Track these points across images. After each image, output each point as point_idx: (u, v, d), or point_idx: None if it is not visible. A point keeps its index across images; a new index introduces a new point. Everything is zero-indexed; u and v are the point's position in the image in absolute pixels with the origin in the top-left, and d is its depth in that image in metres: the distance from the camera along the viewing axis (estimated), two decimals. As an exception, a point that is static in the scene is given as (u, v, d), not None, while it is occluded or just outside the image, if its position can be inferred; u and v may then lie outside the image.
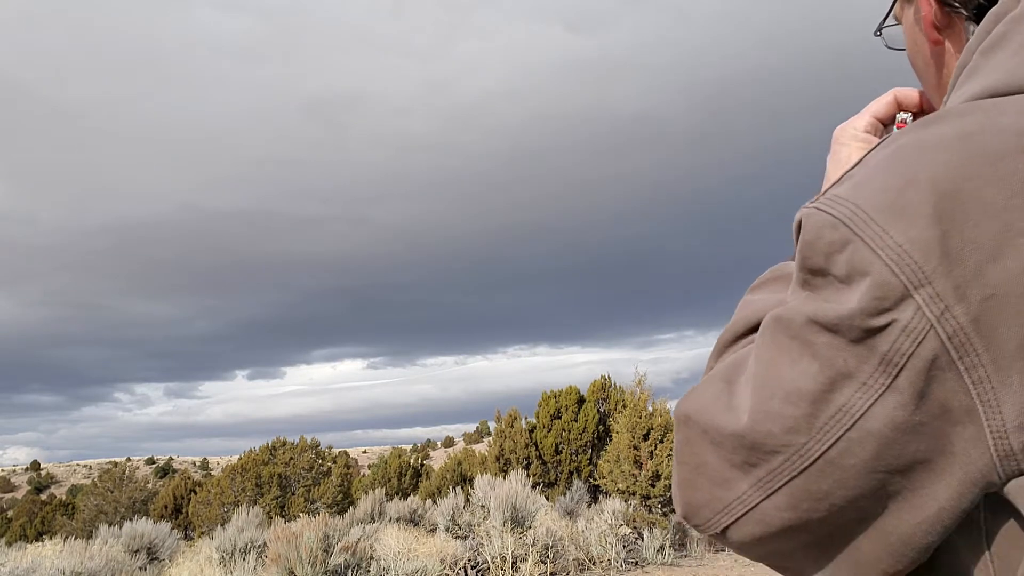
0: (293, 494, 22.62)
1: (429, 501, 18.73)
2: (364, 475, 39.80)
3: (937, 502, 0.49)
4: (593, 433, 19.16)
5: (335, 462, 27.09)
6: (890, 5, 0.75)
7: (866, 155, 0.56)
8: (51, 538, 21.02)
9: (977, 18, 0.63)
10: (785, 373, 0.53)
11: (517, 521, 10.08)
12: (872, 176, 0.52)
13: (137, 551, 12.94)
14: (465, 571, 8.97)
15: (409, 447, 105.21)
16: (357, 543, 9.06)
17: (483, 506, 11.59)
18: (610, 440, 14.04)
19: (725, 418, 0.56)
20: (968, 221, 0.46)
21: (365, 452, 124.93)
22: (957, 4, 0.64)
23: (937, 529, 0.50)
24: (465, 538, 10.58)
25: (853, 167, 0.56)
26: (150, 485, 33.31)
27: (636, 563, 9.92)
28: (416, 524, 15.21)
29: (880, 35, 0.77)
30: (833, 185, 0.55)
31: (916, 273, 0.47)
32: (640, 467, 11.66)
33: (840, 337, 0.50)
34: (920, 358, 0.47)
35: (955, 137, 0.49)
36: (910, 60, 0.74)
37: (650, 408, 11.99)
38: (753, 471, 0.54)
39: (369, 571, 8.64)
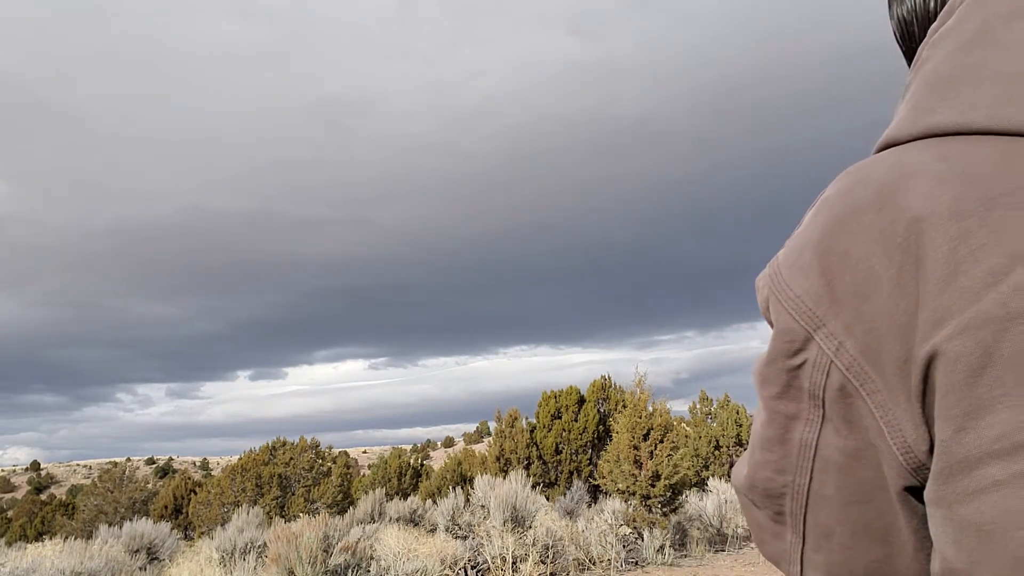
0: (293, 494, 22.61)
1: (429, 501, 18.73)
2: (364, 475, 39.80)
3: (909, 529, 0.56)
4: (593, 433, 19.16)
5: (335, 462, 27.08)
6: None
7: (808, 210, 0.64)
8: (51, 538, 21.00)
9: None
10: (757, 426, 0.64)
11: (517, 521, 10.08)
12: (795, 236, 0.62)
13: (137, 551, 12.94)
14: (465, 571, 8.97)
15: (409, 447, 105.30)
16: (357, 543, 9.06)
17: (483, 506, 11.59)
18: (610, 440, 14.03)
19: (741, 478, 0.67)
20: (846, 270, 0.55)
21: (365, 452, 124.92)
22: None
23: (925, 555, 0.56)
24: (465, 538, 10.58)
25: (799, 225, 0.64)
26: (150, 485, 33.30)
27: (636, 563, 9.92)
28: (416, 524, 15.20)
29: None
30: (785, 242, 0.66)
31: (812, 318, 0.56)
32: (640, 467, 11.65)
33: (773, 386, 0.60)
34: (832, 388, 0.56)
35: (841, 193, 0.58)
36: None
37: (650, 408, 11.98)
38: (785, 519, 0.63)
39: (369, 571, 8.64)
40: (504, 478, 12.44)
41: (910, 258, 0.52)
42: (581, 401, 19.85)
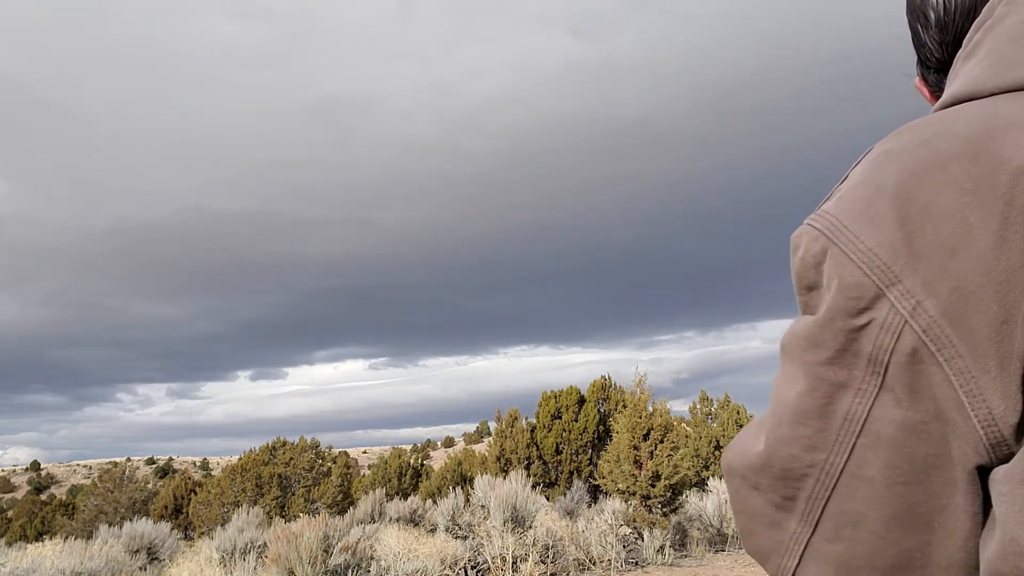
0: (293, 494, 22.61)
1: (429, 501, 18.72)
2: (364, 475, 39.80)
3: (966, 513, 0.51)
4: (593, 433, 19.16)
5: (335, 462, 27.08)
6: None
7: (850, 170, 0.60)
8: (51, 538, 21.00)
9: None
10: (788, 397, 0.57)
11: (517, 521, 10.08)
12: (850, 188, 0.57)
13: (137, 551, 12.94)
14: (465, 571, 8.97)
15: (409, 447, 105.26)
16: (357, 543, 9.06)
17: (483, 506, 11.59)
18: (610, 440, 14.04)
19: (751, 456, 0.60)
20: (928, 222, 0.51)
21: (365, 452, 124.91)
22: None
23: (975, 543, 0.51)
24: (465, 538, 10.58)
25: (840, 182, 0.60)
26: (150, 485, 33.31)
27: (636, 563, 9.92)
28: (416, 524, 15.20)
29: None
30: (824, 201, 0.60)
31: (886, 272, 0.51)
32: (640, 467, 11.65)
33: (824, 349, 0.54)
34: (901, 352, 0.51)
35: (914, 145, 0.54)
36: None
37: (650, 408, 11.98)
38: (795, 505, 0.57)
39: (369, 571, 8.64)
40: (504, 478, 12.43)
41: (1015, 210, 0.48)
42: (581, 401, 19.85)
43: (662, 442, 11.63)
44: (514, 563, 8.98)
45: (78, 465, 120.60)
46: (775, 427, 0.58)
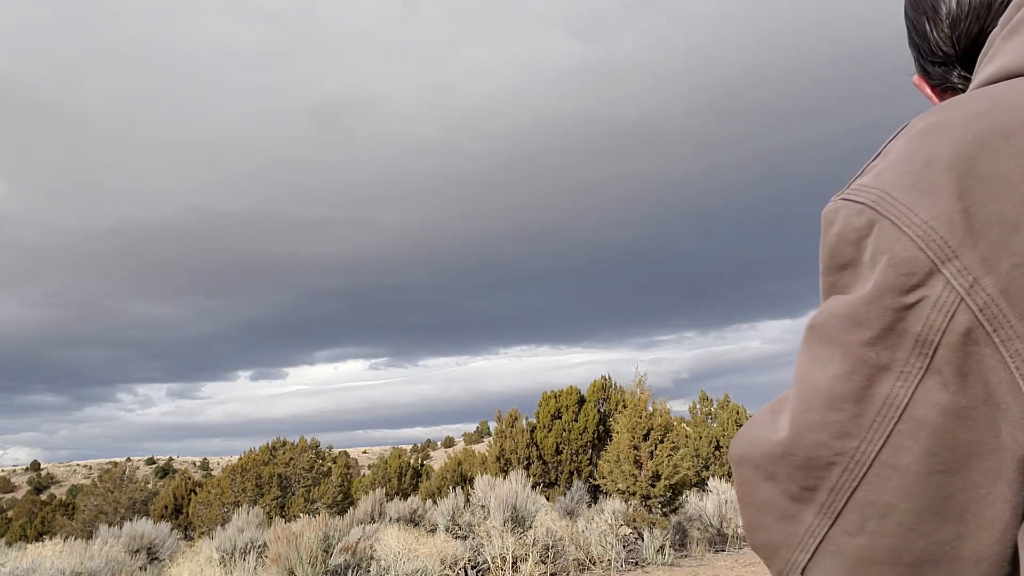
0: (293, 494, 22.60)
1: (429, 501, 18.72)
2: (364, 475, 39.80)
3: (1007, 504, 0.48)
4: (593, 433, 19.15)
5: (335, 462, 27.07)
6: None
7: (884, 146, 0.57)
8: (51, 538, 21.01)
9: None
10: (820, 380, 0.53)
11: (517, 521, 10.07)
12: (893, 162, 0.54)
13: (137, 551, 12.94)
14: (465, 571, 8.97)
15: (409, 447, 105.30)
16: (357, 543, 9.05)
17: (483, 506, 11.59)
18: (610, 440, 14.04)
19: (770, 444, 0.56)
20: (990, 195, 0.47)
21: (365, 452, 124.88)
22: (958, 86, 0.72)
23: (1013, 535, 0.49)
24: (465, 538, 10.58)
25: (873, 158, 0.57)
26: (150, 485, 33.29)
27: (636, 563, 9.91)
28: (416, 524, 15.21)
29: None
30: (856, 177, 0.57)
31: (943, 247, 0.48)
32: (640, 467, 11.65)
33: (868, 329, 0.50)
34: (954, 333, 0.47)
35: (968, 117, 0.51)
36: None
37: (650, 408, 11.98)
38: (814, 496, 0.53)
39: (369, 571, 8.64)
40: (504, 478, 12.43)
41: None
42: (581, 401, 19.84)
43: (662, 442, 11.63)
44: (514, 563, 8.98)
45: (78, 465, 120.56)
46: (802, 412, 0.53)
